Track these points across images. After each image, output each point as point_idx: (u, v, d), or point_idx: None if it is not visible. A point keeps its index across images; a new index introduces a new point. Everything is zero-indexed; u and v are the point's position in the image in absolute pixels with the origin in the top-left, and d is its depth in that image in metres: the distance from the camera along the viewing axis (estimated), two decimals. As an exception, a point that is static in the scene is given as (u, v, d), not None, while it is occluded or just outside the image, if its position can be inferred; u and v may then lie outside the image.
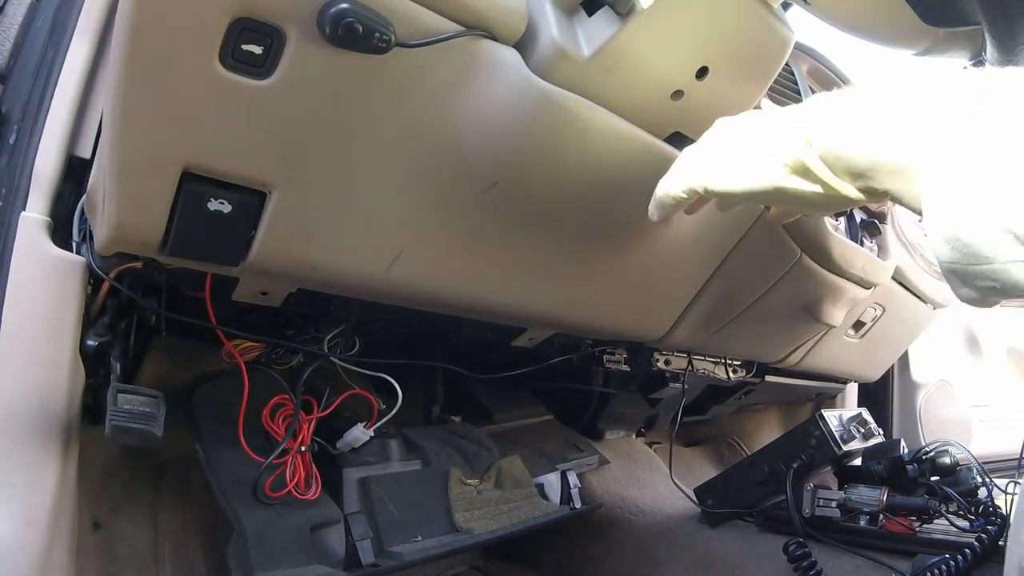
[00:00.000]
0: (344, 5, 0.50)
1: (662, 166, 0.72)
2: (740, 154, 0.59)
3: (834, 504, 1.12)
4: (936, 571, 0.94)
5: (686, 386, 1.33)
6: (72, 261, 0.69)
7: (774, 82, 0.89)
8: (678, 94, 0.68)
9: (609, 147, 0.68)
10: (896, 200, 0.52)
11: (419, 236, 0.70)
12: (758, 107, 0.95)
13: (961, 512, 1.11)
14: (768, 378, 1.48)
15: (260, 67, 0.53)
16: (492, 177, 0.67)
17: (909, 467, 1.17)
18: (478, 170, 0.66)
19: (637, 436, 1.67)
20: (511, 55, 0.60)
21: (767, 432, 1.95)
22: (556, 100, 0.62)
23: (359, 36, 0.51)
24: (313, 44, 0.52)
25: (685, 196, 0.64)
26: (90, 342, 0.72)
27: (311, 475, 0.89)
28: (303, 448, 0.88)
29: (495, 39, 0.60)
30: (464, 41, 0.57)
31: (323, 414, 0.93)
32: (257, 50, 0.52)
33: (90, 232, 0.69)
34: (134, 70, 0.50)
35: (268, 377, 0.90)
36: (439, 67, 0.58)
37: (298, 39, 0.52)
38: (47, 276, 0.67)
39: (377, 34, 0.52)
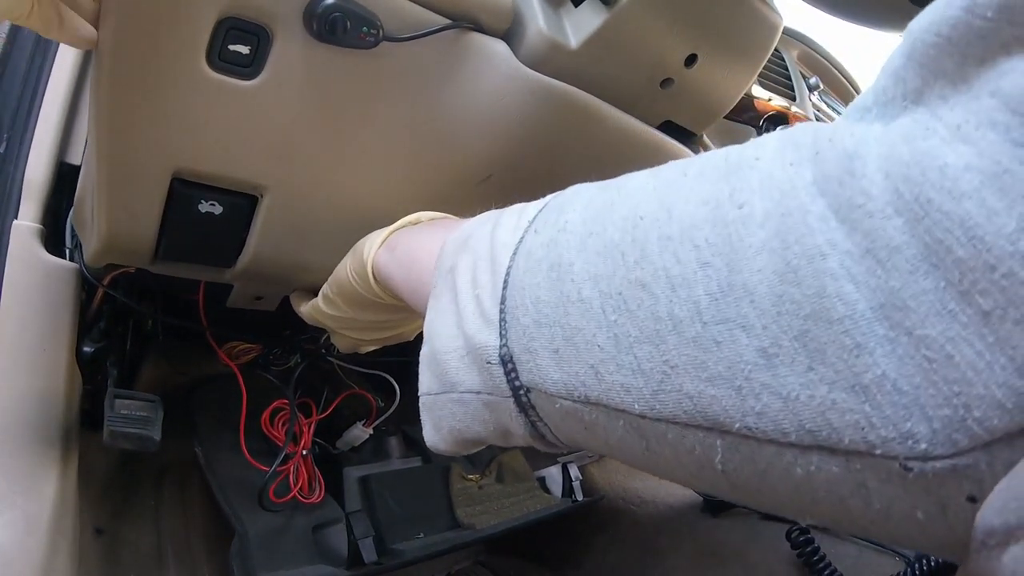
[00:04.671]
0: (330, 0, 0.50)
1: (658, 154, 0.72)
2: None
3: (836, 490, 1.12)
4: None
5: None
6: (66, 268, 0.69)
7: (764, 68, 0.89)
8: (668, 82, 0.68)
9: (603, 135, 0.68)
10: None
11: (413, 233, 0.69)
12: (749, 94, 0.95)
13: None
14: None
15: (247, 67, 0.52)
16: (485, 170, 0.67)
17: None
18: (471, 163, 0.66)
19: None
20: (500, 47, 0.60)
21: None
22: (548, 89, 0.62)
23: (346, 31, 0.51)
24: (300, 42, 0.52)
25: None
26: (86, 348, 0.72)
27: (314, 478, 0.89)
28: (304, 452, 0.88)
29: (483, 31, 0.59)
30: (452, 34, 0.57)
31: (322, 416, 0.93)
32: (244, 50, 0.51)
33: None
34: (119, 75, 0.49)
35: (266, 379, 0.90)
36: (428, 61, 0.58)
37: (285, 37, 0.52)
38: (41, 283, 0.67)
39: (364, 28, 0.52)
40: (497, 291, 0.37)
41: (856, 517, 0.25)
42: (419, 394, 0.43)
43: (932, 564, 0.91)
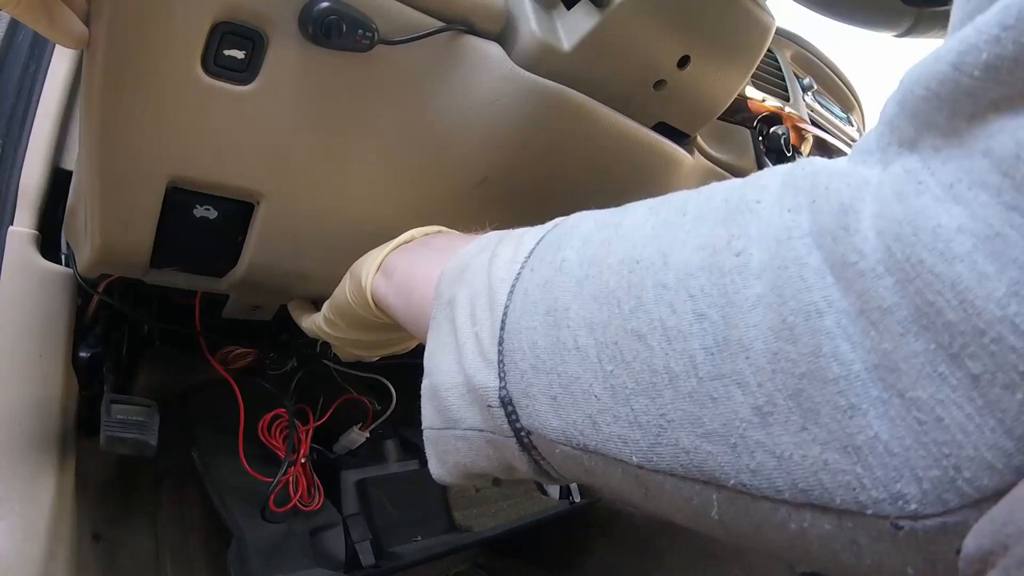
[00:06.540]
0: (325, 4, 0.49)
1: (653, 155, 0.72)
2: None
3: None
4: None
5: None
6: (61, 274, 0.69)
7: (758, 68, 0.89)
8: (660, 84, 0.68)
9: (598, 136, 0.68)
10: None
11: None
12: (742, 94, 0.95)
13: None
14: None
15: (243, 72, 0.52)
16: (481, 172, 0.67)
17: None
18: (467, 166, 0.66)
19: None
20: (494, 49, 0.60)
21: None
22: (543, 91, 0.62)
23: (342, 34, 0.50)
24: (295, 45, 0.52)
25: None
26: (82, 354, 0.72)
27: (313, 485, 0.89)
28: (303, 460, 0.88)
29: (476, 34, 0.59)
30: (447, 37, 0.57)
31: (319, 423, 0.93)
32: (239, 55, 0.51)
33: (77, 245, 0.69)
34: (112, 81, 0.49)
35: (264, 384, 0.90)
36: (423, 63, 0.58)
37: (280, 41, 0.51)
38: (37, 290, 0.67)
39: (360, 31, 0.51)
40: (495, 331, 0.37)
41: (848, 569, 0.26)
42: (423, 427, 0.43)
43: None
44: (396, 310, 0.53)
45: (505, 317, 0.37)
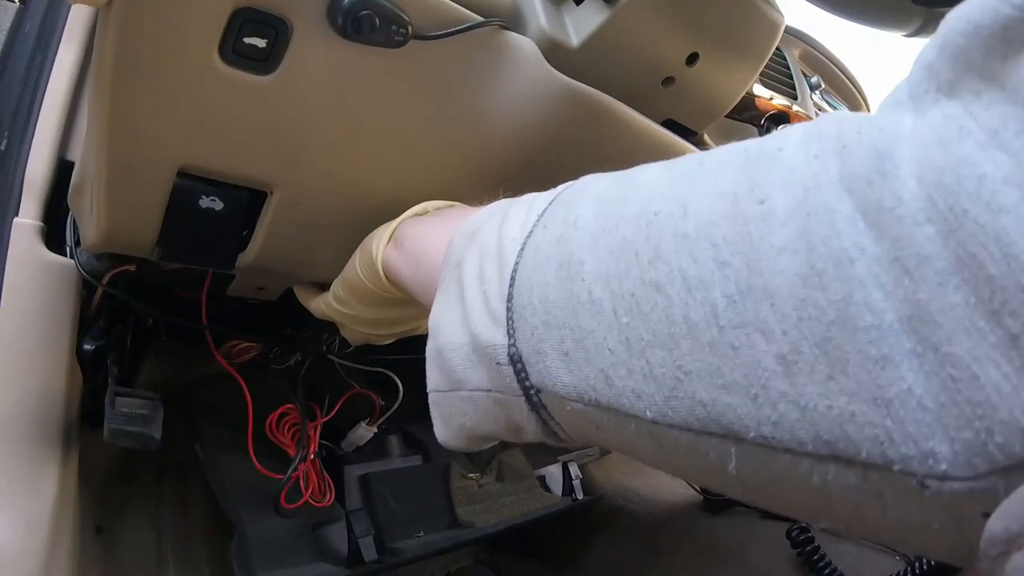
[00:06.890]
0: None
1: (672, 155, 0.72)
2: None
3: (836, 488, 1.12)
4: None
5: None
6: (66, 265, 0.68)
7: (766, 67, 0.89)
8: (669, 81, 0.67)
9: (627, 141, 0.67)
10: None
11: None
12: (750, 92, 0.95)
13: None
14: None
15: (263, 61, 0.49)
16: (504, 172, 0.66)
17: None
18: (492, 165, 0.65)
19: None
20: (530, 46, 0.58)
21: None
22: (575, 93, 0.61)
23: (375, 29, 0.48)
24: (321, 37, 0.49)
25: None
26: (87, 346, 0.72)
27: (324, 481, 0.89)
28: (312, 456, 0.88)
29: (512, 29, 0.58)
30: (483, 32, 0.55)
31: (327, 418, 0.93)
32: (260, 43, 0.48)
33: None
34: (125, 67, 0.47)
35: (268, 378, 0.90)
36: (455, 59, 0.56)
37: (305, 32, 0.49)
38: (42, 281, 0.67)
39: (394, 27, 0.49)
40: (504, 288, 0.36)
41: (872, 523, 0.25)
42: (428, 390, 0.42)
43: (931, 564, 0.91)
44: (405, 279, 0.52)
45: (515, 273, 0.36)
